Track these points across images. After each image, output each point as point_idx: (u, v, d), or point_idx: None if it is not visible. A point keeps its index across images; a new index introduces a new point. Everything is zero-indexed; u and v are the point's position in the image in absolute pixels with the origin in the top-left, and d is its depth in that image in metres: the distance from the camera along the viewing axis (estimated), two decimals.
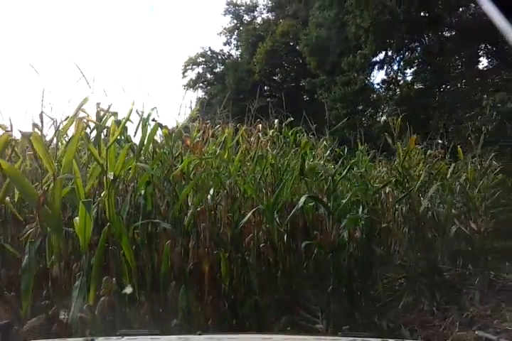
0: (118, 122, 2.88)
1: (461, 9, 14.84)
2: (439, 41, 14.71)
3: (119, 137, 3.22)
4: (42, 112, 2.50)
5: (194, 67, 31.79)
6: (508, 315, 5.18)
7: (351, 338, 1.43)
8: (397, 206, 6.48)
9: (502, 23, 1.03)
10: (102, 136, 3.11)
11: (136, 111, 3.79)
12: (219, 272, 3.57)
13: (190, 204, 3.79)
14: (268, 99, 29.52)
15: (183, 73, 31.46)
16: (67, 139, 3.35)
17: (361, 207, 5.58)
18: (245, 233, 4.25)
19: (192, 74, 31.69)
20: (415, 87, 16.19)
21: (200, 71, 32.12)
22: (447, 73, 15.29)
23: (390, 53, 15.58)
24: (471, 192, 6.51)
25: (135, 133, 3.86)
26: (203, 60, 32.34)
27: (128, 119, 3.12)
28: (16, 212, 2.70)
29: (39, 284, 2.43)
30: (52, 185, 2.38)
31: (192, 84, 31.54)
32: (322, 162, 4.94)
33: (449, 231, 6.24)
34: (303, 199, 4.22)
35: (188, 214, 3.43)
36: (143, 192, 3.47)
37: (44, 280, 2.54)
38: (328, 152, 4.98)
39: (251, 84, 26.88)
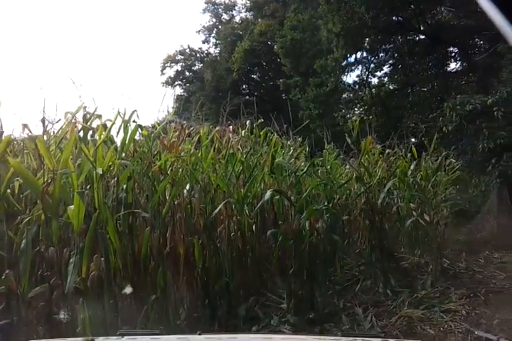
0: (105, 126, 3.34)
1: (430, 14, 15.59)
2: (408, 45, 15.44)
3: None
4: (44, 118, 2.95)
5: (173, 64, 31.97)
6: (454, 297, 5.83)
7: (351, 338, 1.43)
8: (363, 200, 7.05)
9: (502, 23, 1.03)
10: (89, 136, 3.58)
11: (118, 113, 4.25)
12: (193, 256, 4.06)
13: (167, 197, 4.25)
14: (247, 97, 30.11)
15: (162, 71, 31.63)
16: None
17: (326, 200, 6.17)
18: (218, 223, 4.76)
19: (170, 72, 31.88)
20: (388, 88, 16.93)
21: (179, 69, 32.35)
22: (417, 75, 16.02)
23: (362, 55, 16.28)
24: (425, 187, 7.12)
25: (117, 133, 4.32)
26: (182, 57, 32.52)
27: (113, 123, 3.58)
28: (16, 204, 3.13)
29: (39, 262, 2.89)
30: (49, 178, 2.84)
31: (171, 82, 31.77)
32: (287, 159, 5.43)
33: (405, 223, 6.86)
34: (269, 193, 4.74)
35: (165, 206, 3.89)
36: (124, 186, 3.92)
37: (40, 259, 2.99)
38: (292, 150, 5.46)
39: (230, 82, 27.31)
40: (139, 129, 4.32)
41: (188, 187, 4.43)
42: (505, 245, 10.26)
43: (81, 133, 3.53)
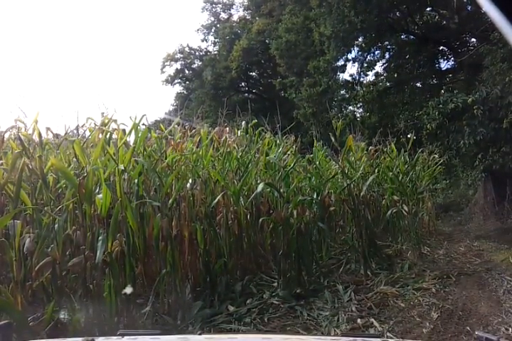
0: (124, 131, 4.06)
1: (418, 15, 16.20)
2: (399, 45, 16.07)
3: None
4: (78, 125, 3.67)
5: (172, 63, 32.54)
6: (427, 277, 6.54)
7: (351, 338, 1.43)
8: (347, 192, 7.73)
9: (502, 23, 1.03)
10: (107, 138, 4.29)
11: (130, 117, 4.97)
12: (196, 239, 4.77)
13: (173, 189, 4.95)
14: (246, 95, 30.69)
15: (162, 69, 32.23)
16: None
17: (315, 193, 6.89)
18: (217, 212, 5.48)
19: (170, 71, 32.48)
20: (380, 86, 17.53)
21: (179, 67, 32.92)
22: (408, 74, 16.65)
23: (356, 54, 16.90)
24: (404, 181, 7.84)
25: (129, 134, 5.03)
26: (181, 56, 33.06)
27: (131, 131, 4.31)
28: (50, 195, 3.84)
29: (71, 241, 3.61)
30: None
31: (170, 80, 32.43)
32: (279, 156, 6.12)
33: (385, 213, 7.58)
34: (261, 185, 5.44)
35: (172, 197, 4.60)
36: (136, 180, 4.62)
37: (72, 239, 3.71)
38: (282, 148, 6.15)
39: (229, 80, 27.92)
40: (149, 132, 5.05)
41: (190, 181, 5.12)
42: (487, 235, 11.03)
43: (100, 136, 4.25)
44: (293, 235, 5.62)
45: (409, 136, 10.00)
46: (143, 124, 5.28)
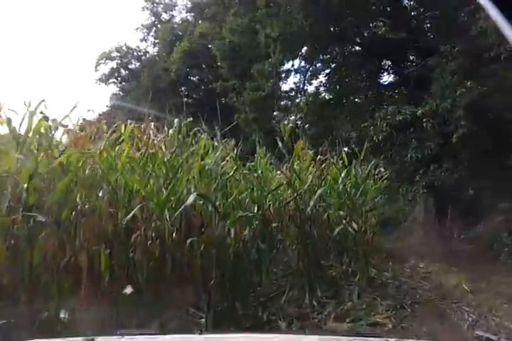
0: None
1: (366, 26, 15.94)
2: (344, 55, 15.70)
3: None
4: None
5: (108, 61, 30.72)
6: (381, 308, 5.73)
7: (352, 337, 1.47)
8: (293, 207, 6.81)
9: (502, 23, 1.04)
10: None
11: (24, 103, 3.74)
12: (99, 267, 3.57)
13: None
14: (185, 99, 29.46)
15: (96, 67, 30.27)
16: None
17: (256, 206, 5.86)
18: (133, 229, 4.28)
19: (105, 69, 30.62)
20: (323, 96, 17.13)
21: (115, 66, 31.17)
22: (351, 86, 16.33)
23: (298, 63, 16.39)
24: (354, 195, 7.07)
25: (20, 124, 3.79)
26: (118, 54, 31.40)
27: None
28: None
29: None
30: None
31: (105, 79, 30.52)
32: (216, 162, 5.06)
33: (334, 231, 6.75)
34: (192, 197, 4.35)
35: (65, 209, 3.41)
36: (25, 185, 3.42)
37: None
38: (219, 152, 5.11)
39: (167, 82, 26.64)
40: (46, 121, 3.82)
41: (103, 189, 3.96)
42: (430, 254, 10.57)
43: None
44: (229, 258, 4.58)
45: (346, 149, 9.40)
46: (41, 113, 4.01)
